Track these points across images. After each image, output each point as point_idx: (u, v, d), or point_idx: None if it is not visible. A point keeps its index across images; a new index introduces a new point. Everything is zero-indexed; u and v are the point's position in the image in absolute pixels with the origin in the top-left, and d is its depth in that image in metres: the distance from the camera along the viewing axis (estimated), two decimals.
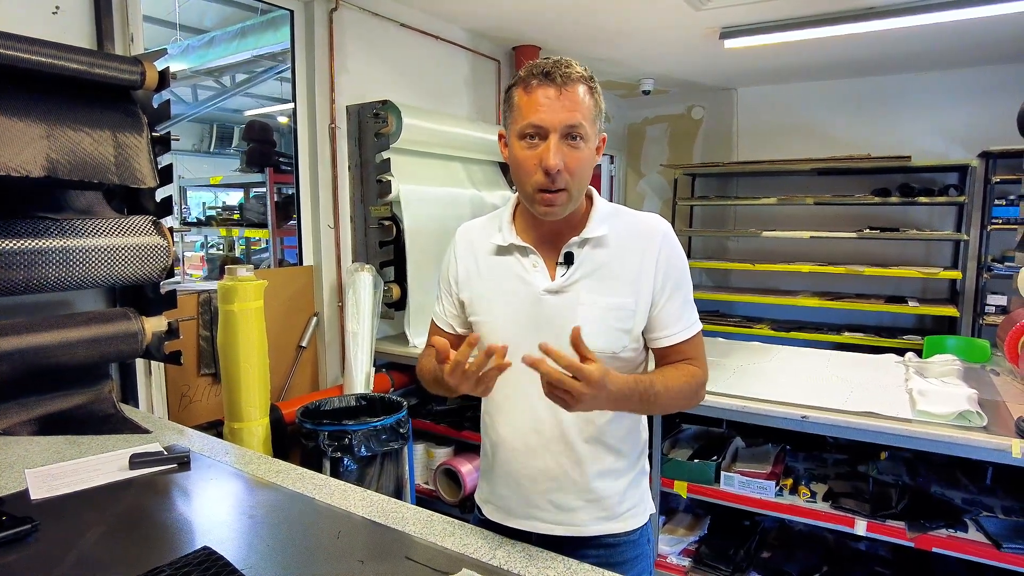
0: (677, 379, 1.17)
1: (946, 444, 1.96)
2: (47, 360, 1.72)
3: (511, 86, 1.14)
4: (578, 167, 1.11)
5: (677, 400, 1.18)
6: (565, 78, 1.08)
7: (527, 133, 1.10)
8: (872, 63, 4.57)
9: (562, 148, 1.09)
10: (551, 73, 1.08)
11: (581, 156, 1.11)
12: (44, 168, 1.64)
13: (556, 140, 1.08)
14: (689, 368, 1.21)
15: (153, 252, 1.90)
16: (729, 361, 2.85)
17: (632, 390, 1.07)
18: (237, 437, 2.32)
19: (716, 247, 5.84)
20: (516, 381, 1.22)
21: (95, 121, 1.79)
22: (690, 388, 1.19)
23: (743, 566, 2.48)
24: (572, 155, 1.10)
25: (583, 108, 1.09)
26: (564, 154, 1.09)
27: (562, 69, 1.08)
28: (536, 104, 1.08)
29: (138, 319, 1.93)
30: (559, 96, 1.08)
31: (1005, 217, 4.29)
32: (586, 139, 1.11)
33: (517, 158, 1.13)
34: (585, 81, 1.11)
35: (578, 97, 1.09)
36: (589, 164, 1.14)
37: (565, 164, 1.09)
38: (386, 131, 3.00)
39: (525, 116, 1.10)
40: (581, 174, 1.12)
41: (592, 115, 1.11)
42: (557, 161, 1.08)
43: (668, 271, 1.19)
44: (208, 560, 1.02)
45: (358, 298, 2.88)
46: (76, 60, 1.73)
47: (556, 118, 1.07)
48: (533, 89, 1.09)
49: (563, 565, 1.09)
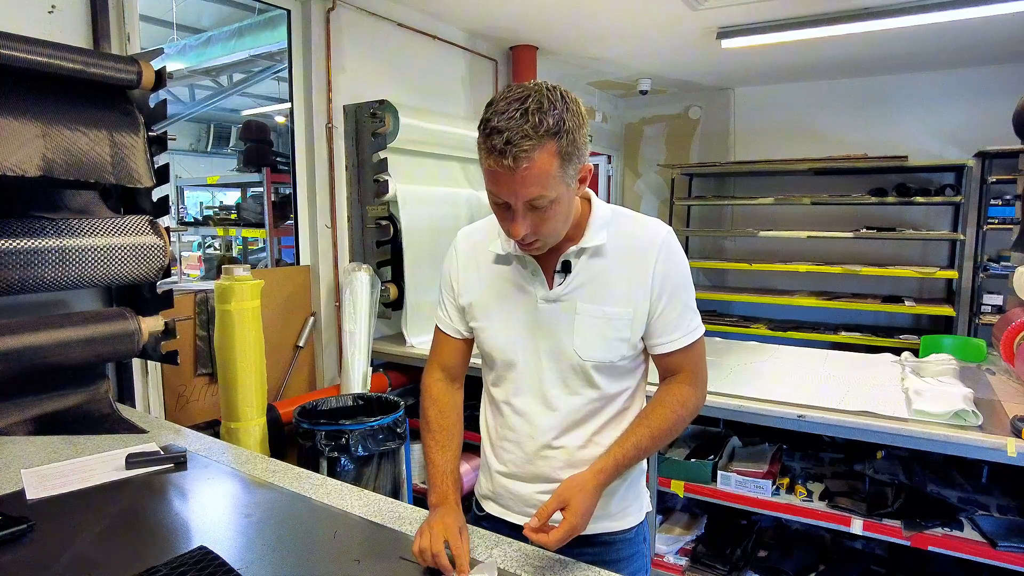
0: (664, 419, 1.18)
1: (942, 443, 1.97)
2: (43, 360, 1.71)
3: (480, 127, 1.03)
4: (547, 227, 1.08)
5: (670, 437, 1.21)
6: (517, 159, 0.98)
7: (492, 197, 1.08)
8: (869, 63, 4.58)
9: (528, 215, 1.06)
10: (503, 153, 0.98)
11: (552, 215, 1.07)
12: (40, 168, 1.64)
13: (521, 211, 1.05)
14: (679, 395, 1.21)
15: (149, 252, 1.90)
16: (726, 360, 2.85)
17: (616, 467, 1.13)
18: (234, 437, 2.32)
19: (713, 247, 5.84)
20: (514, 382, 1.23)
21: (91, 121, 1.78)
22: (680, 419, 1.20)
23: (740, 565, 2.49)
24: (539, 219, 1.06)
25: (543, 178, 1.01)
26: (531, 219, 1.06)
27: (515, 149, 0.97)
28: (495, 177, 1.03)
29: (135, 319, 1.93)
30: (513, 175, 1.00)
31: (1001, 217, 4.30)
32: (555, 201, 1.05)
33: (492, 208, 1.13)
34: (547, 142, 0.99)
35: (536, 169, 0.99)
36: (563, 216, 1.10)
37: (533, 227, 1.07)
38: (383, 131, 2.99)
39: (486, 181, 1.06)
40: (553, 229, 1.10)
41: (558, 177, 1.02)
42: (521, 232, 1.06)
43: (666, 278, 1.17)
44: (204, 559, 1.02)
45: (355, 298, 2.88)
46: (72, 59, 1.72)
47: (514, 195, 1.03)
48: (490, 163, 1.01)
49: (560, 564, 1.09)
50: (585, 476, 1.09)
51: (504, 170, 1.00)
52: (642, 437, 1.15)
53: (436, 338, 1.37)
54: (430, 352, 1.38)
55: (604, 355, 1.17)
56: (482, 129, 1.01)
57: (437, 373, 1.35)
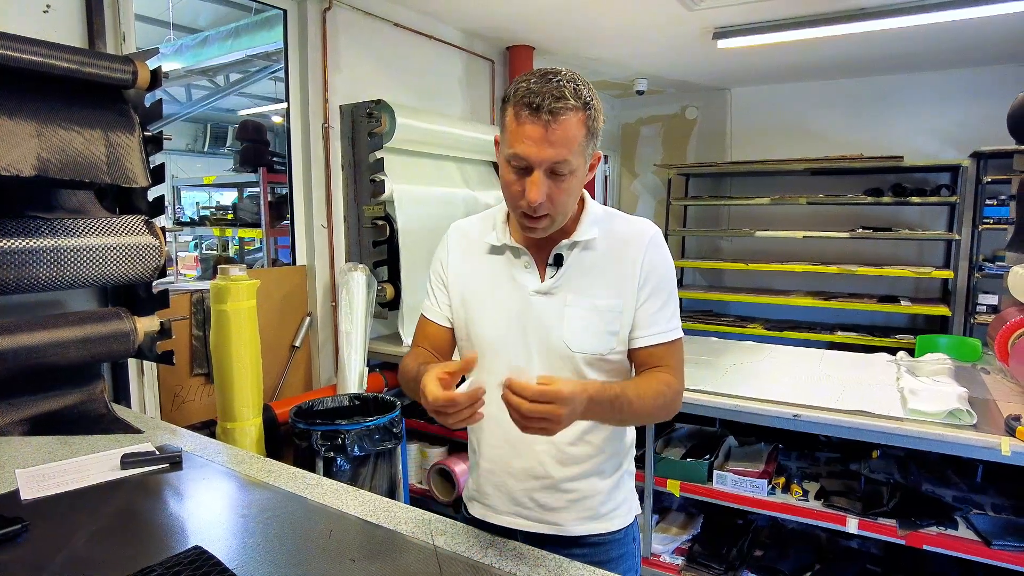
0: (649, 387, 1.15)
1: (937, 442, 1.98)
2: (38, 360, 1.71)
3: (505, 99, 1.09)
4: (562, 198, 1.10)
5: (652, 409, 1.15)
6: (553, 112, 1.03)
7: (513, 162, 1.09)
8: (865, 63, 4.59)
9: (546, 182, 1.07)
10: (540, 107, 1.02)
11: (566, 188, 1.09)
12: (35, 167, 1.63)
13: (540, 175, 1.06)
14: (663, 375, 1.18)
15: (145, 252, 1.89)
16: (722, 360, 2.85)
17: (602, 395, 1.05)
18: (230, 437, 2.32)
19: (709, 247, 5.85)
20: (501, 379, 1.23)
21: (86, 120, 1.78)
22: (664, 397, 1.15)
23: (736, 564, 2.49)
24: (556, 188, 1.08)
25: (571, 143, 1.05)
26: (548, 187, 1.07)
27: (551, 103, 1.02)
28: (523, 137, 1.05)
29: (130, 319, 1.93)
30: (546, 133, 1.03)
31: (996, 217, 4.32)
32: (574, 171, 1.08)
33: (504, 178, 1.12)
34: (578, 111, 1.05)
35: (567, 132, 1.04)
36: (575, 192, 1.13)
37: (548, 196, 1.08)
38: (379, 131, 2.99)
39: (511, 144, 1.07)
40: (565, 203, 1.11)
41: (582, 146, 1.07)
42: (539, 196, 1.07)
43: (650, 273, 1.19)
44: (199, 559, 1.02)
45: (351, 298, 2.87)
46: (67, 59, 1.72)
47: (541, 155, 1.05)
48: (522, 120, 1.05)
49: (553, 563, 1.09)
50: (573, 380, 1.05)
51: (538, 125, 1.03)
52: (626, 388, 1.11)
53: (420, 325, 1.34)
54: (412, 340, 1.35)
55: (594, 347, 1.17)
56: (513, 93, 1.07)
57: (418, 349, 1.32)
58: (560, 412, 0.95)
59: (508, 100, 1.08)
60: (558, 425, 0.97)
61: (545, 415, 0.94)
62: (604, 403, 1.06)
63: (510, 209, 1.17)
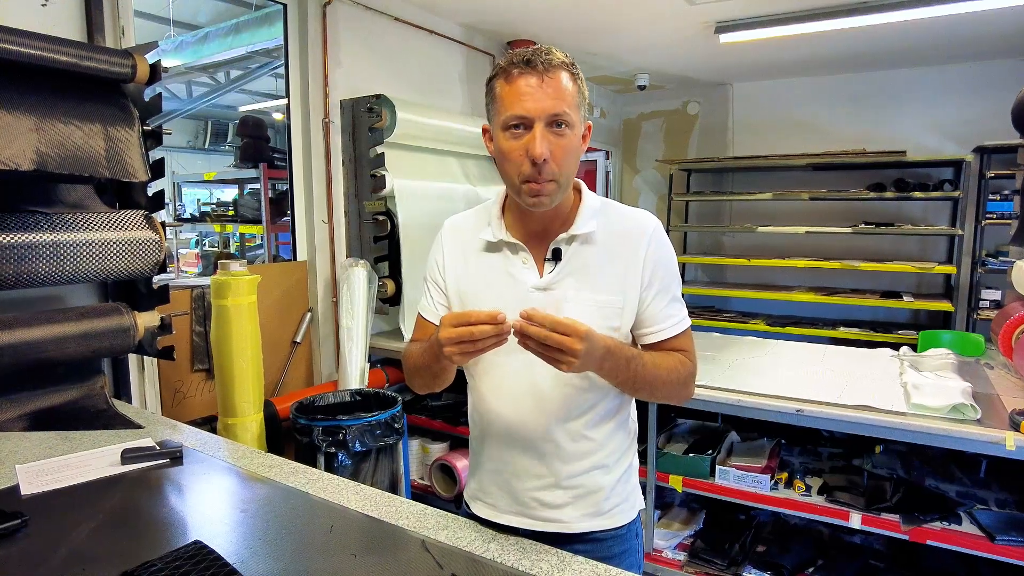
0: (665, 359, 1.17)
1: (940, 437, 1.97)
2: (38, 355, 1.70)
3: (492, 77, 1.11)
4: (565, 155, 1.09)
5: (666, 381, 1.16)
6: (547, 65, 1.06)
7: (511, 124, 1.08)
8: (867, 58, 4.57)
9: (548, 136, 1.06)
10: (532, 60, 1.06)
11: (567, 144, 1.08)
12: (33, 161, 1.62)
13: (541, 129, 1.06)
14: (678, 356, 1.20)
15: (145, 246, 1.88)
16: (724, 356, 2.85)
17: (619, 348, 1.07)
18: (231, 433, 2.31)
19: (711, 242, 5.84)
20: (503, 376, 1.22)
21: (85, 114, 1.77)
22: (679, 374, 1.17)
23: (738, 560, 2.49)
24: (558, 143, 1.07)
25: (566, 95, 1.07)
26: (550, 142, 1.06)
27: (543, 56, 1.06)
28: (519, 93, 1.06)
29: (130, 314, 1.92)
30: (541, 84, 1.05)
31: (999, 212, 4.30)
32: (571, 126, 1.09)
33: (502, 150, 1.10)
34: (567, 67, 1.09)
35: (561, 84, 1.07)
36: (576, 152, 1.12)
37: (552, 153, 1.07)
38: (380, 125, 2.99)
39: (508, 107, 1.07)
40: (568, 162, 1.10)
41: (576, 101, 1.09)
42: (543, 150, 1.05)
43: (655, 268, 1.17)
44: (200, 554, 1.01)
45: (352, 293, 2.87)
46: (66, 52, 1.71)
47: (540, 106, 1.05)
48: (515, 79, 1.07)
49: (556, 558, 1.08)
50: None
51: (534, 76, 1.06)
52: (643, 354, 1.13)
53: (418, 325, 1.33)
54: (411, 337, 1.35)
55: None
56: (501, 64, 1.10)
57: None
58: (578, 347, 0.96)
59: (496, 74, 1.11)
60: (575, 359, 0.98)
61: (562, 345, 0.96)
62: (620, 358, 1.07)
63: (513, 184, 1.12)
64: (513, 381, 1.21)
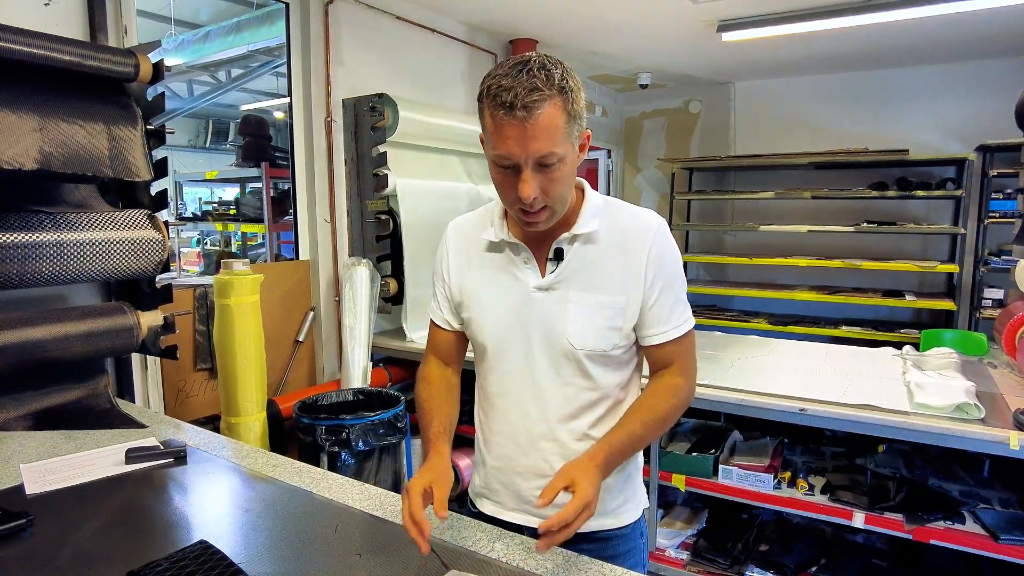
0: (655, 409, 1.17)
1: (944, 436, 1.96)
2: (42, 355, 1.71)
3: (480, 97, 1.05)
4: (556, 188, 1.06)
5: (662, 427, 1.21)
6: (528, 108, 0.98)
7: (499, 163, 1.06)
8: (870, 57, 4.56)
9: (537, 176, 1.04)
10: (513, 105, 0.98)
11: (558, 178, 1.06)
12: (37, 161, 1.62)
13: (529, 171, 1.03)
14: (671, 381, 1.20)
15: (148, 246, 1.89)
16: (727, 355, 2.84)
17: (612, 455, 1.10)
18: (234, 432, 2.31)
19: (713, 241, 5.83)
20: (507, 373, 1.22)
21: (89, 114, 1.77)
22: (672, 409, 1.19)
23: (741, 559, 2.48)
24: (548, 180, 1.05)
25: (553, 133, 1.01)
26: (540, 180, 1.04)
27: (524, 99, 0.98)
28: (503, 137, 1.02)
29: (133, 313, 1.92)
30: (525, 129, 0.99)
31: (1002, 211, 4.29)
32: (563, 160, 1.04)
33: (494, 179, 1.10)
34: (554, 98, 1.00)
35: (546, 124, 1.00)
36: (568, 180, 1.09)
37: (542, 189, 1.05)
38: (382, 124, 2.98)
39: (494, 146, 1.04)
40: (561, 193, 1.08)
41: (565, 133, 1.03)
42: (531, 192, 1.04)
43: (659, 269, 1.16)
44: (205, 554, 1.01)
45: (355, 292, 2.87)
46: (69, 52, 1.71)
47: (525, 152, 1.01)
48: (499, 121, 1.01)
49: (561, 557, 1.08)
50: (582, 459, 1.07)
51: (515, 123, 0.99)
52: (634, 425, 1.14)
53: (430, 331, 1.35)
54: (426, 345, 1.37)
55: (596, 343, 1.16)
56: (486, 91, 1.03)
57: (432, 363, 1.34)
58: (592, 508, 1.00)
59: (482, 99, 1.04)
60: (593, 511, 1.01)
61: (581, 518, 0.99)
62: (616, 457, 1.11)
63: (507, 208, 1.14)
64: (516, 380, 1.22)
